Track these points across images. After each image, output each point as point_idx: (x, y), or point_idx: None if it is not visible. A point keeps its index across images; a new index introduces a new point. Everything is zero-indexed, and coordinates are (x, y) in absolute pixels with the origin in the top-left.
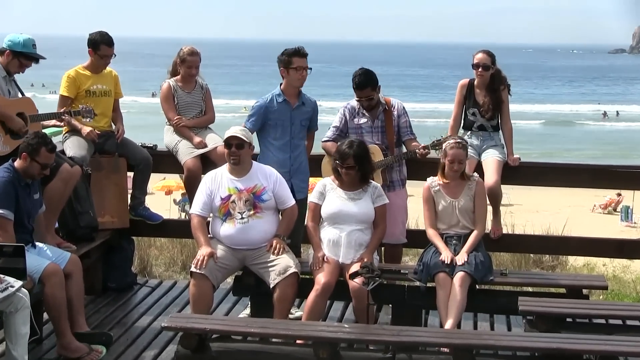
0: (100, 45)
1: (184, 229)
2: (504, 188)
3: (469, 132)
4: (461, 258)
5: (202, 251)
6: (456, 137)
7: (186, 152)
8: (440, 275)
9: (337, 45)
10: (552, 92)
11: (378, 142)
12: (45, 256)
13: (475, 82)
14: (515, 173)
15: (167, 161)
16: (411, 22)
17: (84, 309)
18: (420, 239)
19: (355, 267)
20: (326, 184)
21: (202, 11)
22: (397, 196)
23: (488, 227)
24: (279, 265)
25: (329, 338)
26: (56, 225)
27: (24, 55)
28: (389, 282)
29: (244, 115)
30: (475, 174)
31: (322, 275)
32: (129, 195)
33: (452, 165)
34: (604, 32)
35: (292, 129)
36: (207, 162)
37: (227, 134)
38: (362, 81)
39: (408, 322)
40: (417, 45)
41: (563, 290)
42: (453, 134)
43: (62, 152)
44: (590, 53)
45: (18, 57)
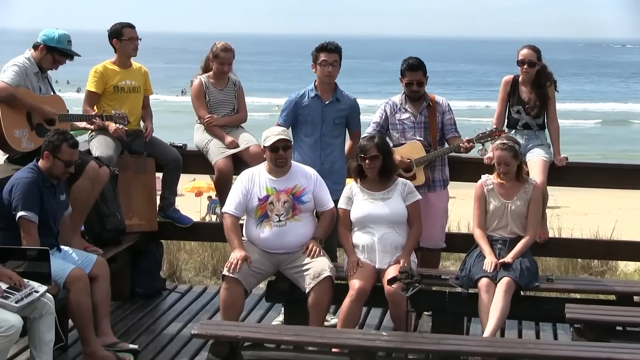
0: (123, 30)
1: (215, 232)
2: (550, 189)
3: (513, 130)
4: (506, 263)
5: (236, 254)
6: (504, 137)
7: (217, 152)
8: (484, 281)
9: (374, 40)
10: (607, 89)
11: (420, 139)
12: (71, 260)
13: (520, 79)
14: (562, 174)
15: (197, 161)
16: (450, 15)
17: (109, 314)
18: (461, 243)
19: (392, 272)
20: (352, 187)
21: (229, 5)
22: (437, 198)
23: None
24: (314, 268)
25: (366, 347)
26: (82, 228)
27: (58, 51)
28: (428, 287)
29: (276, 114)
30: (533, 178)
31: (356, 280)
32: (158, 197)
33: (498, 167)
34: None
35: (322, 126)
36: (239, 162)
37: (272, 136)
38: (416, 63)
39: (449, 330)
40: (454, 40)
41: (613, 297)
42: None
43: (88, 151)
44: None
45: (52, 52)
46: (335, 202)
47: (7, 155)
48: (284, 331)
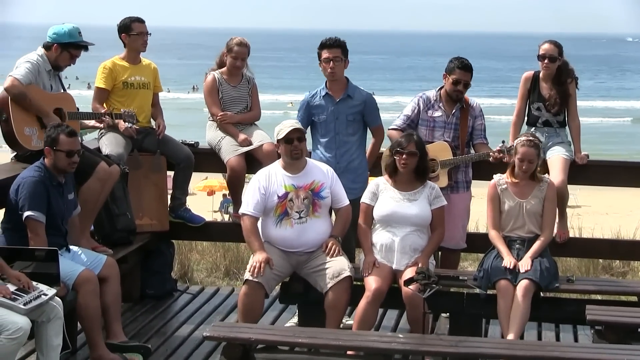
0: (132, 24)
1: (227, 232)
2: (571, 188)
3: (533, 128)
4: (525, 264)
5: (258, 257)
6: (528, 134)
7: (230, 150)
8: (502, 283)
9: (388, 35)
10: (632, 85)
11: (448, 140)
12: (80, 261)
13: (540, 75)
14: (583, 172)
15: (209, 159)
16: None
17: (120, 315)
18: (480, 243)
19: (409, 273)
20: (379, 183)
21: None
22: (460, 199)
23: (554, 230)
24: (333, 268)
25: (382, 349)
26: (91, 228)
27: (72, 46)
28: (446, 289)
29: (290, 110)
30: (547, 176)
31: (372, 280)
32: (169, 196)
33: (521, 164)
34: None
35: (336, 124)
36: (252, 161)
37: (285, 128)
38: (469, 64)
39: (467, 332)
40: (471, 35)
41: (635, 299)
42: (516, 130)
43: (98, 149)
44: None
45: (67, 48)
46: (353, 201)
47: (14, 154)
48: (298, 333)
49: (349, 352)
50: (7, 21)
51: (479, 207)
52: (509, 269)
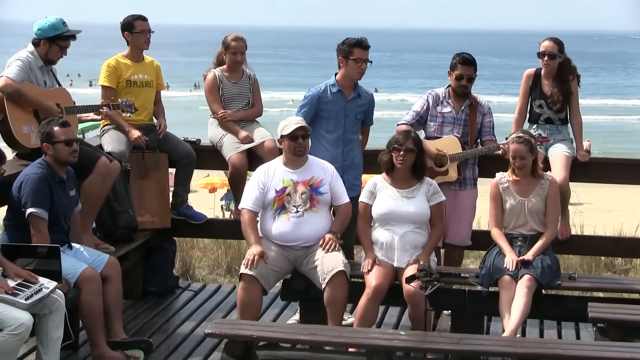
0: (135, 22)
1: (229, 229)
2: (573, 186)
3: (535, 125)
4: (527, 260)
5: (253, 250)
6: (519, 130)
7: (231, 147)
8: (505, 278)
9: (388, 32)
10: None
11: (458, 135)
12: (82, 258)
13: (542, 72)
14: (585, 170)
15: (211, 157)
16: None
17: (121, 314)
18: (483, 240)
19: (411, 270)
20: (377, 182)
21: None
22: (466, 196)
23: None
24: (326, 263)
25: (383, 346)
26: (93, 225)
27: (59, 38)
28: (447, 286)
29: (292, 108)
30: (548, 173)
31: (373, 278)
32: (171, 193)
33: (513, 161)
34: None
35: (345, 122)
36: (254, 158)
37: (291, 125)
38: (470, 58)
39: (469, 330)
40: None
41: (637, 296)
42: (518, 127)
43: (100, 146)
44: None
45: (55, 41)
46: (354, 198)
47: (16, 152)
48: (299, 330)
49: (350, 349)
50: (2, 18)
51: (481, 204)
52: (511, 268)
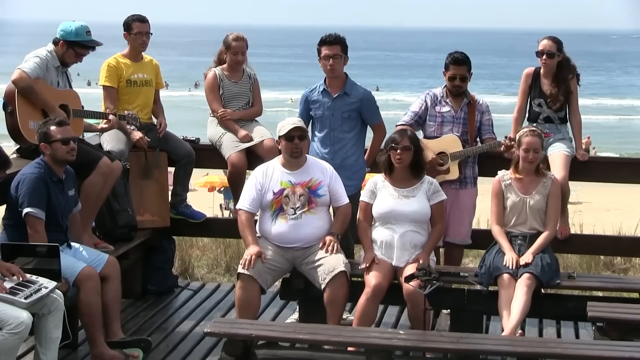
0: (132, 24)
1: (228, 228)
2: (572, 185)
3: (535, 124)
4: (526, 259)
5: (250, 250)
6: (530, 125)
7: (230, 146)
8: (504, 276)
9: (391, 31)
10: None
11: (457, 134)
12: (81, 257)
13: (541, 71)
14: (584, 169)
15: (210, 156)
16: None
17: (119, 314)
18: (482, 239)
19: (410, 269)
20: (377, 181)
21: None
22: (467, 194)
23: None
24: (327, 264)
25: (383, 345)
26: (92, 224)
27: (78, 45)
28: (447, 285)
29: (292, 108)
30: (551, 173)
31: (372, 277)
32: (170, 192)
33: (527, 154)
34: None
35: (331, 120)
36: (253, 157)
37: (288, 125)
38: (461, 57)
39: (468, 329)
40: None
41: (636, 295)
42: (517, 125)
43: (99, 145)
44: None
45: (72, 47)
46: (349, 198)
47: (17, 147)
48: (299, 329)
49: (349, 348)
50: (3, 18)
51: (481, 203)
52: (510, 266)
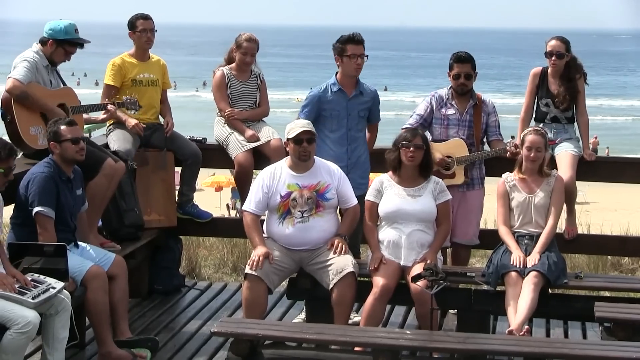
0: (136, 22)
1: (235, 228)
2: (580, 185)
3: (542, 124)
4: (533, 258)
5: (257, 251)
6: (534, 125)
7: (237, 146)
8: (511, 274)
9: (395, 31)
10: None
11: (463, 137)
12: (89, 257)
13: (548, 71)
14: (591, 169)
15: (217, 155)
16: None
17: (127, 314)
18: (489, 239)
19: (417, 269)
20: (383, 180)
21: None
22: (474, 195)
23: (562, 226)
24: (336, 264)
25: (389, 345)
26: (99, 223)
27: (67, 43)
28: (454, 285)
29: (297, 107)
30: (555, 171)
31: (380, 277)
32: (177, 192)
33: (529, 153)
34: None
35: (348, 120)
36: (260, 157)
37: (297, 128)
38: (465, 56)
39: (475, 329)
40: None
41: None
42: (524, 125)
43: (106, 145)
44: None
45: (62, 45)
46: (360, 197)
47: (22, 153)
48: (305, 329)
49: (356, 348)
50: (1, 17)
51: (487, 203)
52: (518, 265)
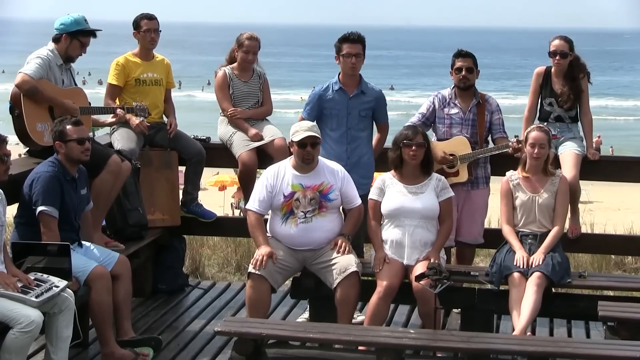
0: (141, 21)
1: (238, 227)
2: (583, 184)
3: (545, 123)
4: (537, 258)
5: (261, 251)
6: (537, 123)
7: (241, 145)
8: (515, 275)
9: (402, 30)
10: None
11: (467, 135)
12: (92, 256)
13: (552, 70)
14: (595, 168)
15: (220, 154)
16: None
17: (131, 313)
18: (493, 238)
19: (421, 268)
20: (385, 179)
21: None
22: (479, 195)
23: (566, 226)
24: (339, 264)
25: (393, 344)
26: (103, 223)
27: (81, 33)
28: (457, 284)
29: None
30: (559, 170)
31: (384, 276)
32: (180, 191)
33: (532, 149)
34: None
35: (348, 119)
36: (264, 156)
37: (301, 132)
38: (467, 51)
39: (478, 328)
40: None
41: None
42: (528, 125)
43: (110, 145)
44: None
45: (76, 36)
46: (362, 197)
47: (27, 149)
48: (309, 328)
49: (360, 347)
50: (3, 17)
51: (491, 202)
52: (521, 265)
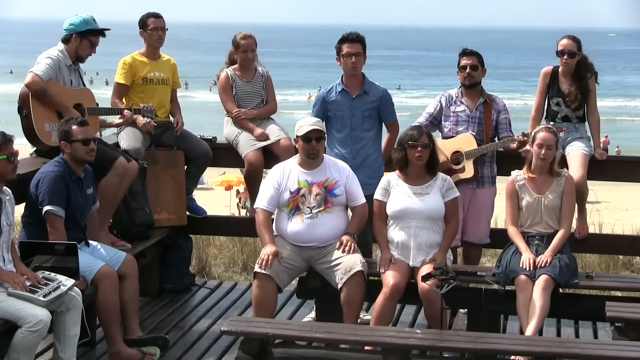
0: (147, 20)
1: (245, 227)
2: (591, 184)
3: (552, 123)
4: (544, 260)
5: (267, 250)
6: (544, 123)
7: (247, 145)
8: (521, 278)
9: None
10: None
11: (473, 133)
12: (99, 256)
13: (559, 70)
14: (602, 168)
15: (227, 154)
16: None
17: (137, 312)
18: (499, 238)
19: (427, 269)
20: (390, 179)
21: None
22: (485, 194)
23: (573, 226)
24: (344, 263)
25: (399, 344)
26: (110, 222)
27: (90, 33)
28: (464, 284)
29: (309, 105)
30: (565, 170)
31: (390, 276)
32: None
33: (540, 150)
34: None
35: (352, 120)
36: (270, 155)
37: (306, 126)
38: (472, 50)
39: (485, 328)
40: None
41: None
42: (535, 125)
43: (117, 144)
44: None
45: (86, 36)
46: (368, 197)
47: (34, 149)
48: (315, 328)
49: (366, 347)
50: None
51: (497, 202)
52: (528, 266)
